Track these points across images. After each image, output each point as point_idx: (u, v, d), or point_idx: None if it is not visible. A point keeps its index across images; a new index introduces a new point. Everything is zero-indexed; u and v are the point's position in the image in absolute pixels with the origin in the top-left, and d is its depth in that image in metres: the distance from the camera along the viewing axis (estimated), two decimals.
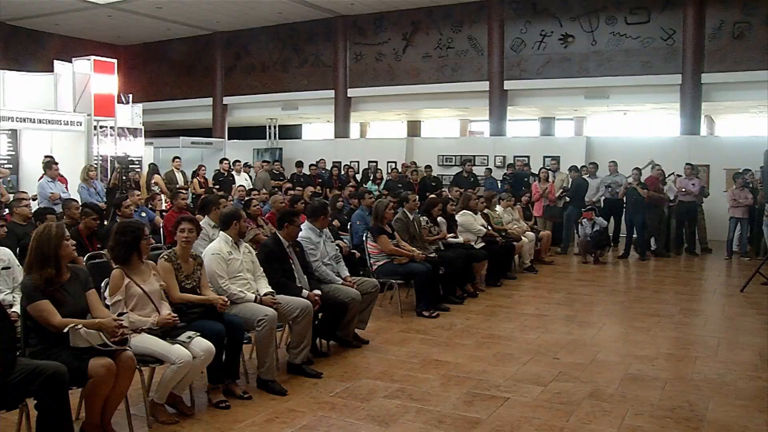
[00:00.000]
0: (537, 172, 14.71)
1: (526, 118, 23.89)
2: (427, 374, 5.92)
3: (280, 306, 5.58)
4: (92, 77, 13.49)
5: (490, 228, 10.35)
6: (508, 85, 18.38)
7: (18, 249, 6.24)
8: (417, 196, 9.27)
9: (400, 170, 16.88)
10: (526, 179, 15.25)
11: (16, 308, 4.91)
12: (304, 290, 5.96)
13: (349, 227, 9.54)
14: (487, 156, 17.83)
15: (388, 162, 18.34)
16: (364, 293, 6.63)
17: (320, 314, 6.18)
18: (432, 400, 5.28)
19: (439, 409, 5.09)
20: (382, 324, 7.64)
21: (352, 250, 8.56)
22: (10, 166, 12.84)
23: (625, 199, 13.30)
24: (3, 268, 5.63)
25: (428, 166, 16.97)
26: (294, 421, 4.86)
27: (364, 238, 8.22)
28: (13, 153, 13.20)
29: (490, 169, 16.89)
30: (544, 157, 16.66)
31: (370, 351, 6.67)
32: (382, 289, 7.66)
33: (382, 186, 15.55)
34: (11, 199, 8.95)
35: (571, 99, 18.69)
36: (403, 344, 6.89)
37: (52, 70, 14.08)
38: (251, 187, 13.68)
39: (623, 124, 24.17)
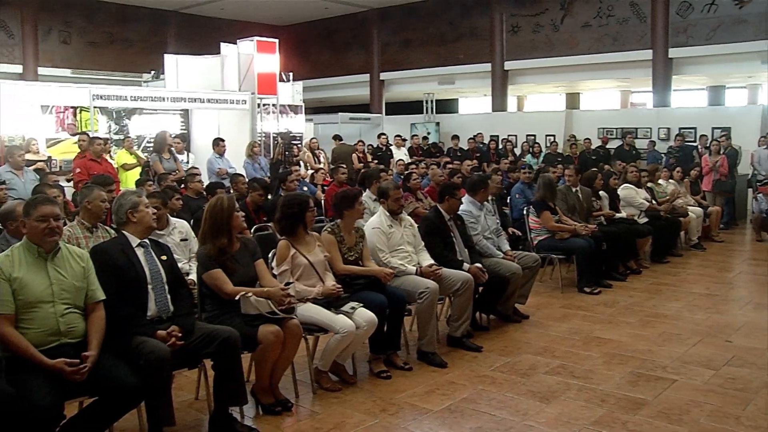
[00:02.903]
0: (707, 144, 13.88)
1: (693, 87, 22.56)
2: (589, 351, 5.77)
3: (442, 278, 5.60)
4: (255, 57, 13.93)
5: (654, 202, 9.90)
6: (673, 52, 17.33)
7: (192, 221, 6.59)
8: (577, 169, 9.02)
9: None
10: (693, 152, 14.44)
11: (193, 276, 5.21)
12: (465, 264, 5.95)
13: (508, 201, 9.42)
14: (650, 128, 16.94)
15: (547, 135, 17.91)
16: (525, 268, 6.54)
17: (480, 288, 6.15)
18: (594, 378, 5.15)
19: (602, 387, 4.95)
20: (543, 299, 7.53)
21: (512, 228, 8.43)
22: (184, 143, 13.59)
23: None
24: (181, 240, 5.97)
25: (587, 139, 16.47)
26: (454, 394, 4.88)
27: (524, 213, 8.10)
28: (185, 131, 13.99)
29: (653, 142, 16.11)
30: (713, 128, 15.67)
31: (530, 326, 6.59)
32: (543, 264, 7.51)
33: (540, 159, 15.26)
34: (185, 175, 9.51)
35: (745, 65, 17.30)
36: (564, 320, 6.76)
37: (219, 53, 14.69)
38: (410, 161, 13.83)
39: None
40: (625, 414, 4.48)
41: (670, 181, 11.04)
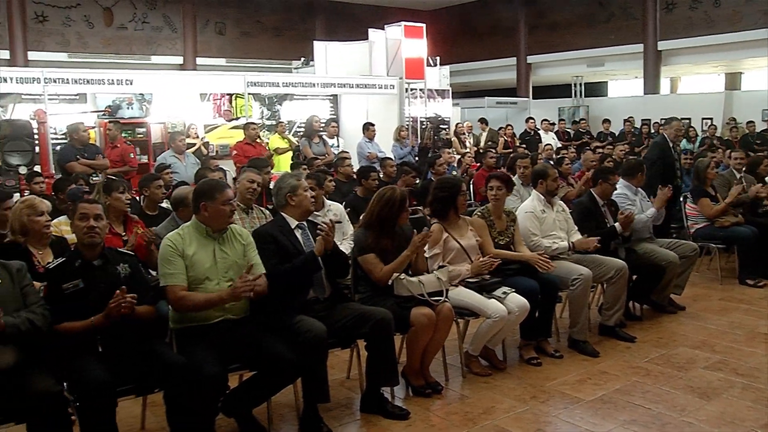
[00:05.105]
0: None
1: None
2: (753, 348, 5.43)
3: (595, 264, 5.47)
4: (403, 42, 13.96)
5: None
6: None
7: (344, 204, 6.72)
8: (743, 153, 8.51)
9: None
10: None
11: None
12: (620, 250, 5.77)
13: None
14: None
15: (703, 118, 17.01)
16: (682, 257, 6.23)
17: (634, 276, 5.94)
18: (761, 377, 4.83)
19: None
20: (700, 291, 7.17)
21: None
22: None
23: None
24: (335, 222, 6.11)
25: (750, 122, 15.50)
26: (606, 384, 4.75)
27: (680, 199, 7.74)
28: (334, 116, 14.29)
29: None
30: None
31: (686, 318, 6.29)
32: (701, 253, 7.13)
33: (697, 144, 14.55)
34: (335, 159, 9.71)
35: None
36: (723, 313, 6.40)
37: (367, 39, 14.87)
38: (559, 146, 13.56)
39: None
40: None
41: None
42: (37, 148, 9.59)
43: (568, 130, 16.97)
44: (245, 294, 3.74)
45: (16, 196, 6.81)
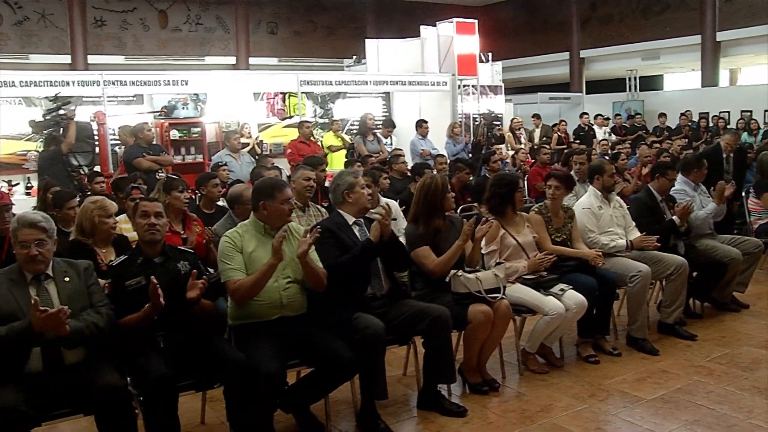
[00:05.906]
0: None
1: None
2: None
3: (655, 260, 5.37)
4: (455, 39, 13.93)
5: None
6: None
7: (398, 201, 6.72)
8: None
9: None
10: None
11: None
12: (680, 246, 5.66)
13: None
14: None
15: (766, 111, 16.56)
16: (745, 253, 6.06)
17: (694, 273, 5.82)
18: None
19: None
20: (764, 288, 6.95)
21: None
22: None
23: None
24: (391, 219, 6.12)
25: None
26: (667, 383, 4.67)
27: (743, 194, 7.56)
28: (387, 114, 14.32)
29: None
30: None
31: (750, 316, 6.13)
32: (765, 249, 6.93)
33: (759, 137, 14.18)
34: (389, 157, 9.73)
35: None
36: None
37: (418, 36, 14.86)
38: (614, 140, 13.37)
39: None
40: None
41: None
42: (97, 149, 9.83)
43: (625, 125, 16.72)
44: (302, 249, 3.79)
45: None
